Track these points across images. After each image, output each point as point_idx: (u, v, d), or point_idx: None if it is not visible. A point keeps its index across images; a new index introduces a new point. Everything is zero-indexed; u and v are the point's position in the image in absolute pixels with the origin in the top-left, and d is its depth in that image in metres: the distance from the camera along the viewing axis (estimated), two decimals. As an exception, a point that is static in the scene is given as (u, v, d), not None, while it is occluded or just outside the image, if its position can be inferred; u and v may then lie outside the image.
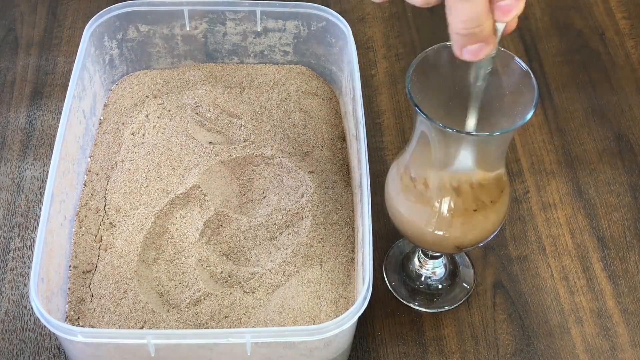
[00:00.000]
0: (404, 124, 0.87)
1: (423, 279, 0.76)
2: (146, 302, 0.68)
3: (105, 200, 0.75)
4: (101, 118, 0.82)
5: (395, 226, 0.68)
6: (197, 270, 0.71)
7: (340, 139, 0.81)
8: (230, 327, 0.68)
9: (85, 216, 0.74)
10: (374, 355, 0.71)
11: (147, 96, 0.84)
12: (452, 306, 0.74)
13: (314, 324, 0.68)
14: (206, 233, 0.73)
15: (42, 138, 0.85)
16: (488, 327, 0.73)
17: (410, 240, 0.69)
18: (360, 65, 0.79)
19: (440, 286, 0.76)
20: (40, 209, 0.69)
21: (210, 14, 0.83)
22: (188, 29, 0.84)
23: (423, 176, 0.63)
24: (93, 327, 0.67)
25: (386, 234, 0.78)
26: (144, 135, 0.80)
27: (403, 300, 0.75)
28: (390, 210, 0.68)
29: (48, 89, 0.89)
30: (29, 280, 0.64)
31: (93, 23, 0.80)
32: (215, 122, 0.82)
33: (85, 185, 0.77)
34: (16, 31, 0.94)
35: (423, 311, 0.74)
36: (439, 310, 0.74)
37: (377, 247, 0.77)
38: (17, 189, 0.81)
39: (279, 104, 0.83)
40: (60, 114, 0.73)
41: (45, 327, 0.71)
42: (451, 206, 0.63)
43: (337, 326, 0.61)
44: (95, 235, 0.73)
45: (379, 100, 0.89)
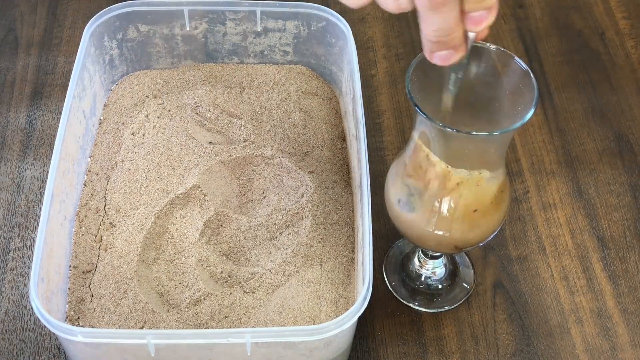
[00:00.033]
0: (404, 124, 0.87)
1: (423, 279, 0.76)
2: (146, 302, 0.68)
3: (105, 200, 0.75)
4: (101, 118, 0.82)
5: (395, 226, 0.68)
6: (197, 270, 0.71)
7: (340, 139, 0.81)
8: (230, 327, 0.68)
9: (85, 216, 0.74)
10: (374, 355, 0.71)
11: (147, 96, 0.84)
12: (452, 306, 0.74)
13: (314, 324, 0.67)
14: (206, 233, 0.73)
15: (42, 138, 0.84)
16: (488, 327, 0.73)
17: (410, 240, 0.69)
18: (360, 65, 0.79)
19: (440, 286, 0.76)
20: (40, 209, 0.69)
21: (210, 14, 0.83)
22: (188, 29, 0.84)
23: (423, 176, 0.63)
24: (93, 327, 0.67)
25: (386, 234, 0.78)
26: (144, 135, 0.80)
27: (403, 300, 0.75)
28: (390, 210, 0.68)
29: (48, 89, 0.89)
30: (29, 280, 0.64)
31: (93, 23, 0.80)
32: (215, 122, 0.82)
33: (85, 185, 0.77)
34: (16, 31, 0.94)
35: (423, 311, 0.74)
36: (439, 310, 0.74)
37: (377, 247, 0.77)
38: (17, 189, 0.81)
39: (279, 104, 0.83)
40: (60, 114, 0.73)
41: (45, 327, 0.71)
42: (451, 206, 0.63)
43: (337, 326, 0.61)
44: (95, 235, 0.73)
45: (379, 100, 0.89)
